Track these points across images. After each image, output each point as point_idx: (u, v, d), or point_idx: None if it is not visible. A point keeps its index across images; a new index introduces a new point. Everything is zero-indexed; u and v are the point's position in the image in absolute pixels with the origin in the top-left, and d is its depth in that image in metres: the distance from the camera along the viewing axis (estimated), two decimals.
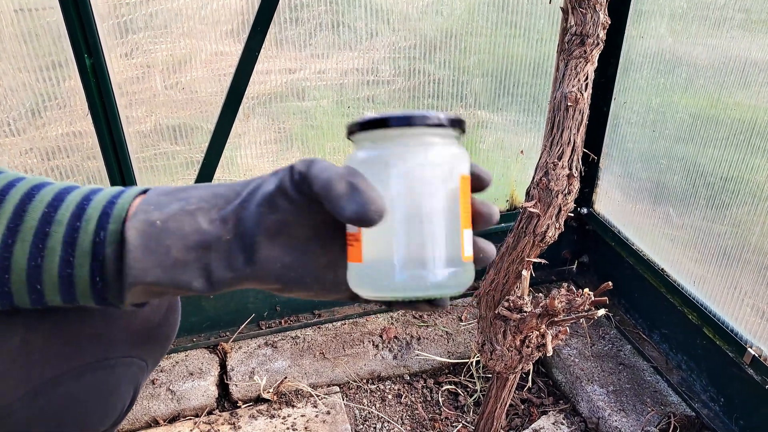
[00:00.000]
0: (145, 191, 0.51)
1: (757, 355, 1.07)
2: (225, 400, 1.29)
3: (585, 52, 0.92)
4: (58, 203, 0.51)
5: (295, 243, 0.49)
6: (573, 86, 0.90)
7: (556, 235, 1.03)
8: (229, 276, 0.48)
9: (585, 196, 1.50)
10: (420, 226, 0.45)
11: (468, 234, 0.48)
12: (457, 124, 0.47)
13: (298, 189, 0.46)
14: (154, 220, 0.47)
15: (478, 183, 0.50)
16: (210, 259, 0.48)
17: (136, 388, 0.67)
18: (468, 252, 0.48)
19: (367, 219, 0.44)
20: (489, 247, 0.51)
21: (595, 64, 0.97)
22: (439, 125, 0.46)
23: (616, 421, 1.19)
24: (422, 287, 0.46)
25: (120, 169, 1.15)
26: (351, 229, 0.48)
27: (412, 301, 0.47)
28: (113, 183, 1.16)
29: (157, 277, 0.47)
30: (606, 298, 0.93)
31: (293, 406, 1.27)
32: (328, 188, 0.44)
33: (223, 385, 1.29)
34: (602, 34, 0.94)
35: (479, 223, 0.51)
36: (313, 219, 0.48)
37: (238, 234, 0.48)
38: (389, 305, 0.50)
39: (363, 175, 0.45)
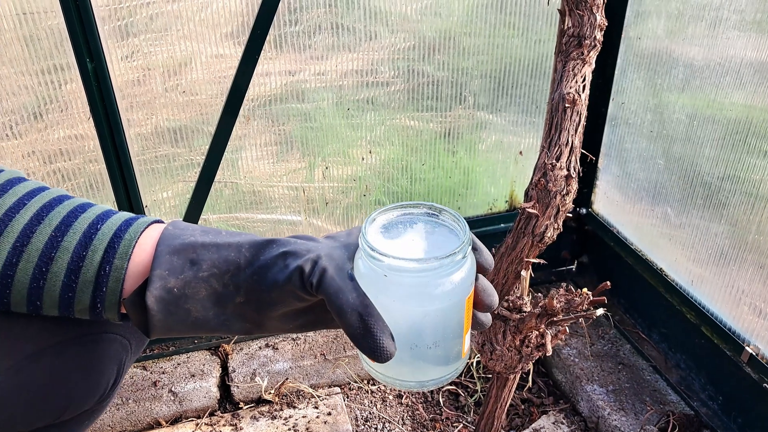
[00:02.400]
0: (149, 223, 0.54)
1: (754, 354, 1.08)
2: (227, 401, 1.29)
3: (582, 53, 0.93)
4: (67, 227, 0.53)
5: (300, 311, 0.54)
6: (571, 87, 0.91)
7: (555, 236, 1.04)
8: (246, 326, 0.54)
9: (584, 197, 1.51)
10: (426, 351, 0.50)
11: (468, 335, 0.52)
12: (466, 245, 0.48)
13: (308, 293, 0.50)
14: (171, 287, 0.51)
15: (482, 303, 0.53)
16: (227, 314, 0.53)
17: (119, 366, 0.68)
18: (465, 349, 0.53)
19: (377, 360, 0.48)
20: (487, 320, 0.56)
21: (593, 66, 0.98)
22: (450, 255, 0.47)
23: (615, 420, 1.19)
24: (425, 385, 0.52)
25: (121, 172, 1.15)
26: None
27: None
28: (115, 185, 1.16)
29: (180, 331, 0.53)
30: (604, 297, 0.94)
31: (294, 407, 1.27)
32: (341, 317, 0.48)
33: (224, 387, 1.30)
34: (599, 36, 0.95)
35: (478, 320, 0.55)
36: (314, 305, 0.53)
37: (251, 300, 0.52)
38: None
39: (376, 312, 0.47)
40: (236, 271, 0.51)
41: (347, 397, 1.31)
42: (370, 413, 1.28)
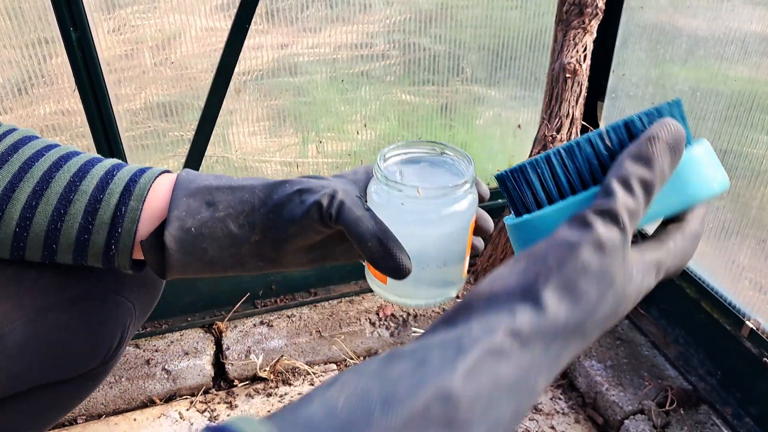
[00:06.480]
0: (161, 172, 0.57)
1: (754, 328, 1.07)
2: (221, 379, 1.28)
3: (583, 22, 0.90)
4: (84, 174, 0.56)
5: (314, 245, 0.57)
6: (572, 57, 0.89)
7: None
8: (260, 265, 0.57)
9: None
10: (435, 270, 0.54)
11: (467, 258, 0.58)
12: (472, 177, 0.53)
13: (326, 225, 0.53)
14: (189, 228, 0.54)
15: (481, 229, 0.59)
16: (242, 254, 0.56)
17: (123, 329, 0.70)
18: (465, 271, 0.58)
19: (397, 277, 0.52)
20: (481, 245, 0.61)
21: (594, 35, 0.96)
22: (463, 183, 0.52)
23: (613, 395, 1.19)
24: (430, 303, 0.58)
25: (110, 148, 1.13)
26: None
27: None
28: None
29: (196, 270, 0.56)
30: None
31: (290, 385, 1.27)
32: (362, 243, 0.51)
33: (219, 364, 1.28)
34: (601, 4, 0.92)
35: (474, 245, 0.60)
36: (333, 236, 0.56)
37: (266, 237, 0.55)
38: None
39: (393, 235, 0.52)
40: (251, 211, 0.54)
41: None
42: None
